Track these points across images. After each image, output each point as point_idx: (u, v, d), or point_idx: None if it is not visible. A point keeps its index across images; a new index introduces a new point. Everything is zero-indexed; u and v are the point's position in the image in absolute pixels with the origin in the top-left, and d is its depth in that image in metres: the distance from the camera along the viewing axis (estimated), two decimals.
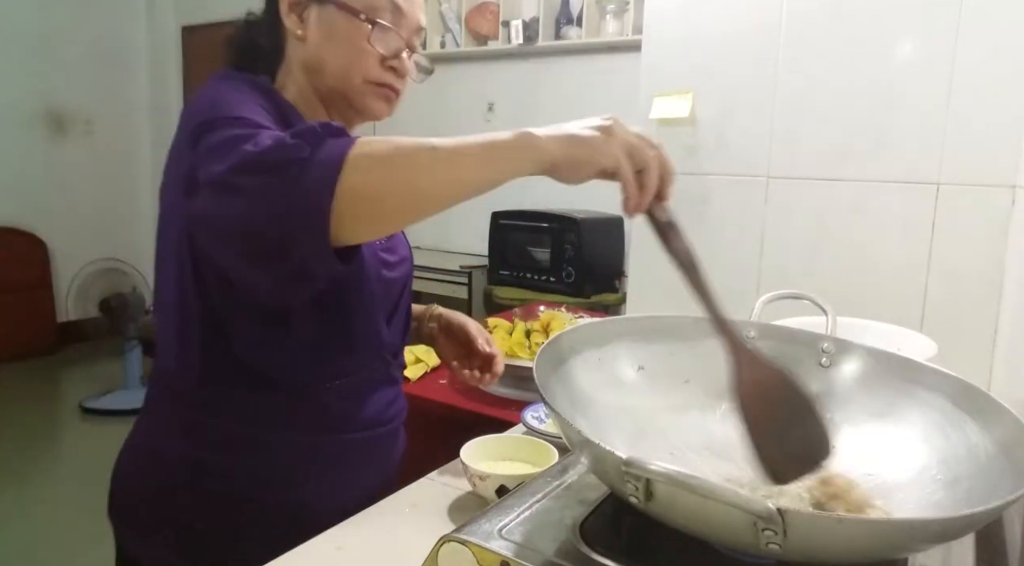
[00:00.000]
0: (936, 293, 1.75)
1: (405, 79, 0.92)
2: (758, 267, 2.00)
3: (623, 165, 0.67)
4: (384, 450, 0.98)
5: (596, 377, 0.75)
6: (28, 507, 2.75)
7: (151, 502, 0.89)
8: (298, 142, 0.65)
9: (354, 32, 0.86)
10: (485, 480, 0.87)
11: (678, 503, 0.51)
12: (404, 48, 0.89)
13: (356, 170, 0.64)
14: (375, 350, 0.94)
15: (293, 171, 0.63)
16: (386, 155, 0.65)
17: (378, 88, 0.90)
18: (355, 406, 0.92)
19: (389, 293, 0.96)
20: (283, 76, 0.92)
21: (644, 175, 0.67)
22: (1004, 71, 1.63)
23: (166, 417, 0.90)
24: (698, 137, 2.06)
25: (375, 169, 0.65)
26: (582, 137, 0.68)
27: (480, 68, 3.57)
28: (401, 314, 0.99)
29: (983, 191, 1.67)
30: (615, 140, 0.67)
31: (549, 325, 1.55)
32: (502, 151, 0.68)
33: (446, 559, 0.59)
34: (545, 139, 0.67)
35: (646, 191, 0.68)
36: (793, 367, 0.79)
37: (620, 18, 3.10)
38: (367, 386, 0.94)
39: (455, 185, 0.68)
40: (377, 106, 0.91)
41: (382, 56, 0.88)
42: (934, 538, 0.53)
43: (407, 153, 0.66)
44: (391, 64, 0.89)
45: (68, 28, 4.68)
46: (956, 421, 0.67)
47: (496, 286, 3.11)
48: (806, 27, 1.88)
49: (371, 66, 0.88)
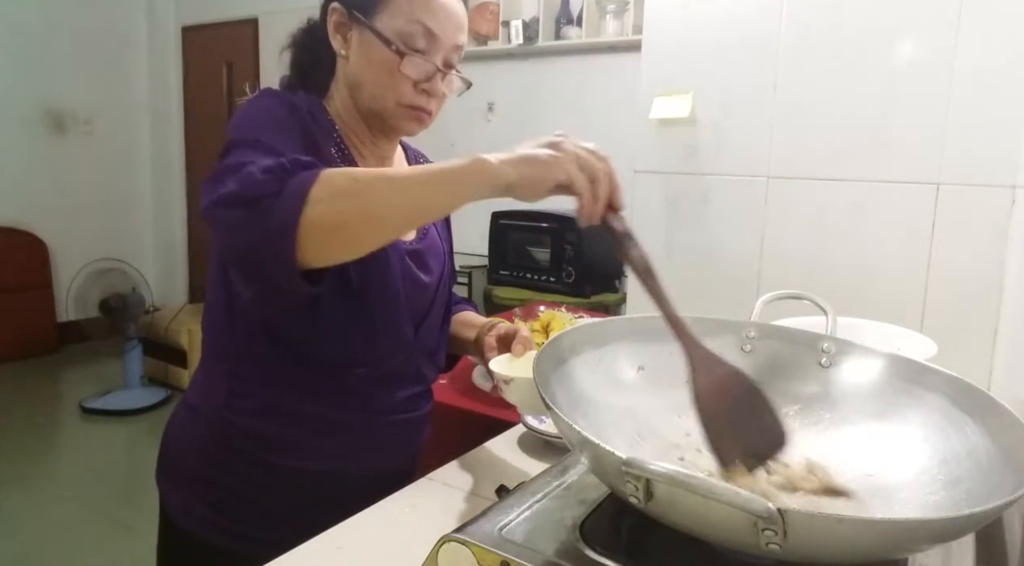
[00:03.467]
0: (936, 293, 1.75)
1: (439, 99, 0.95)
2: (758, 267, 2.00)
3: (576, 177, 0.71)
4: (408, 434, 1.03)
5: (596, 377, 0.75)
6: (28, 507, 2.75)
7: (192, 459, 0.96)
8: (269, 178, 0.72)
9: (388, 59, 0.89)
10: (509, 384, 0.90)
11: (678, 503, 0.51)
12: (436, 72, 0.92)
13: (318, 203, 0.70)
14: (399, 345, 0.97)
15: (264, 205, 0.71)
16: (345, 188, 0.72)
17: (410, 110, 0.93)
18: (379, 393, 0.97)
19: (420, 296, 1.00)
20: (333, 88, 0.97)
21: (595, 185, 0.71)
22: (1004, 71, 1.63)
23: (213, 380, 0.96)
24: (698, 137, 2.06)
25: (335, 201, 0.71)
26: (534, 156, 0.71)
27: (480, 68, 3.56)
28: (435, 319, 1.03)
29: (983, 191, 1.67)
30: (566, 155, 0.71)
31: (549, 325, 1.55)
32: (457, 177, 0.72)
33: (446, 559, 0.59)
34: (498, 163, 0.71)
35: (599, 201, 0.72)
36: (793, 367, 0.80)
37: (620, 18, 3.10)
38: (393, 378, 0.99)
39: (411, 212, 0.75)
40: (408, 126, 0.95)
41: (415, 81, 0.91)
42: (934, 538, 0.53)
43: (365, 185, 0.72)
44: (423, 87, 0.92)
45: (68, 28, 4.68)
46: (956, 421, 0.67)
47: (496, 286, 3.11)
48: (806, 27, 1.88)
49: (404, 91, 0.91)
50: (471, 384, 1.49)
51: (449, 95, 0.98)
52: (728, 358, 0.80)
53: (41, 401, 3.92)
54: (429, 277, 1.01)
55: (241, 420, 0.94)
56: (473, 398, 1.42)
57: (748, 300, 0.90)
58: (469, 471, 1.00)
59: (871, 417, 0.74)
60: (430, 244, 1.04)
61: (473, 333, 1.10)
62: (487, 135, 3.55)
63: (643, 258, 0.71)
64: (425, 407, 1.06)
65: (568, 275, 2.91)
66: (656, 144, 2.14)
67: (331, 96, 0.97)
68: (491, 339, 1.04)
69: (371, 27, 0.89)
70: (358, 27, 0.91)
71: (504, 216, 3.11)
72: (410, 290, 0.97)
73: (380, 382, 0.97)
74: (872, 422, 0.73)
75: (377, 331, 0.94)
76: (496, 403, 1.38)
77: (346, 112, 0.96)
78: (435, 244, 1.05)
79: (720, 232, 2.05)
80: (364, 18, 0.90)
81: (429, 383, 1.07)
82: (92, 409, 3.61)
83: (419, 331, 1.00)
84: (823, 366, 0.79)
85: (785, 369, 0.80)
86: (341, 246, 0.75)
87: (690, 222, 2.10)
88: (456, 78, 0.97)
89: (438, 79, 0.93)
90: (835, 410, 0.76)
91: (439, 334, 1.06)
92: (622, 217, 0.74)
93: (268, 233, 0.70)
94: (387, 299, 0.94)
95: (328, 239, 0.72)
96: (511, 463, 1.04)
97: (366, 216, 0.73)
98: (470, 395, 1.44)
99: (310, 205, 0.70)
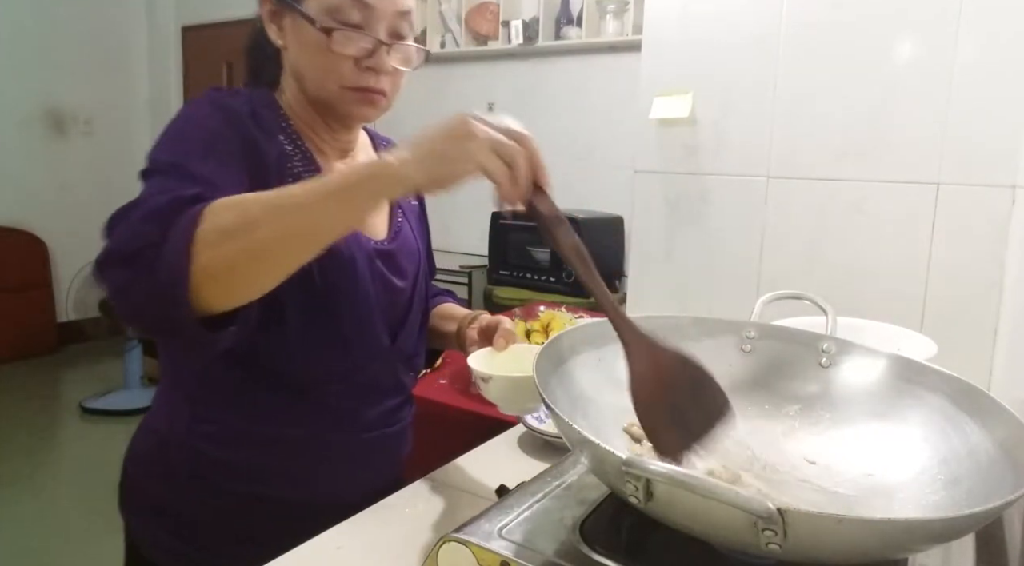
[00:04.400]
0: (936, 293, 1.75)
1: (392, 76, 0.87)
2: (758, 267, 2.00)
3: (488, 166, 0.64)
4: (388, 451, 0.98)
5: (596, 377, 0.75)
6: (28, 507, 2.75)
7: (155, 487, 0.91)
8: (149, 229, 0.65)
9: (318, 39, 0.82)
10: (488, 382, 0.86)
11: (678, 503, 0.51)
12: (378, 45, 0.83)
13: (206, 247, 0.64)
14: (375, 355, 0.92)
15: (147, 259, 0.64)
16: (233, 225, 0.65)
17: (357, 93, 0.85)
18: (357, 408, 0.92)
19: (395, 300, 0.94)
20: (283, 81, 0.91)
21: (514, 171, 0.65)
22: (1004, 71, 1.63)
23: (174, 403, 0.90)
24: (698, 137, 2.06)
25: (224, 243, 0.64)
26: (440, 153, 0.65)
27: (480, 68, 3.56)
28: (413, 323, 0.98)
29: (983, 191, 1.67)
30: (475, 143, 0.64)
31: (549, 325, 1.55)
32: (356, 189, 0.66)
33: (446, 559, 0.59)
34: (401, 165, 0.65)
35: (518, 185, 0.65)
36: (793, 367, 0.80)
37: (620, 18, 3.10)
38: (370, 391, 0.94)
39: (310, 236, 0.67)
40: (361, 111, 0.87)
41: (355, 59, 0.83)
42: (934, 538, 0.53)
43: (253, 218, 0.65)
44: (367, 65, 0.84)
45: (68, 28, 4.68)
46: (956, 421, 0.67)
47: (496, 286, 3.11)
48: (806, 27, 1.87)
49: (345, 72, 0.84)
50: (471, 384, 1.49)
51: (409, 70, 0.89)
52: (728, 358, 0.81)
53: (41, 401, 3.92)
54: (403, 280, 0.96)
55: (206, 447, 0.87)
56: (473, 398, 1.42)
57: (748, 300, 0.90)
58: (469, 471, 1.00)
59: (871, 417, 0.74)
60: (403, 244, 0.98)
61: (454, 326, 1.05)
62: None
63: (575, 244, 0.66)
64: (406, 418, 1.01)
65: (568, 275, 2.90)
66: (656, 144, 2.14)
67: (282, 90, 0.91)
68: (472, 332, 0.99)
69: (298, 9, 0.82)
70: (289, 13, 0.84)
71: (504, 216, 3.11)
72: (383, 295, 0.92)
73: (355, 397, 0.92)
74: (872, 422, 0.73)
75: (349, 343, 0.89)
76: None
77: (298, 105, 0.90)
78: (408, 243, 0.99)
79: (720, 232, 2.05)
80: (291, 1, 0.83)
81: (408, 391, 1.02)
82: (92, 409, 3.61)
83: (397, 339, 0.95)
84: (823, 366, 0.79)
85: (785, 369, 0.80)
86: (243, 287, 0.68)
87: (690, 222, 2.09)
88: (409, 49, 0.88)
89: (382, 53, 0.84)
90: (835, 410, 0.76)
91: (418, 338, 1.01)
92: (549, 198, 0.68)
93: (157, 290, 0.64)
94: (357, 308, 0.88)
95: (226, 283, 0.66)
96: (511, 463, 1.04)
97: (260, 252, 0.66)
98: (470, 395, 1.44)
99: (198, 250, 0.64)
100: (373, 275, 0.90)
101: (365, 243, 0.90)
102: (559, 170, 3.69)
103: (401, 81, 0.89)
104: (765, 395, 0.79)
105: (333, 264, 0.77)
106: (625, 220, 3.06)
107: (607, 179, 3.22)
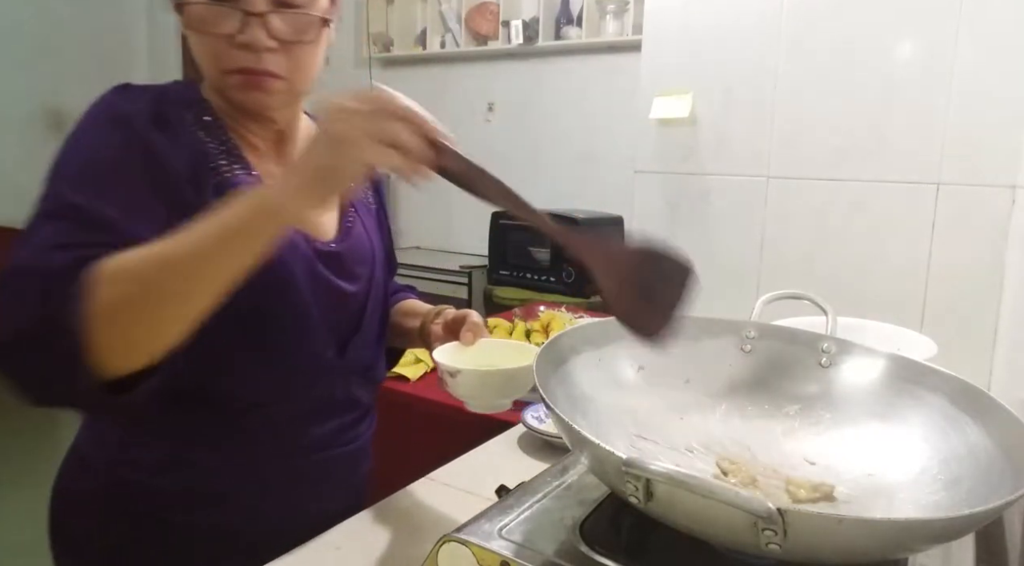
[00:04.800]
0: (936, 293, 1.75)
1: (284, 54, 0.75)
2: (758, 267, 2.00)
3: (377, 161, 0.60)
4: (341, 473, 0.90)
5: (596, 377, 0.75)
6: (27, 506, 2.75)
7: (82, 517, 0.83)
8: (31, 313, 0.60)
9: (183, 20, 0.74)
10: (455, 377, 0.80)
11: (678, 503, 0.51)
12: (247, 18, 0.72)
13: (105, 322, 0.60)
14: (320, 370, 0.84)
15: (43, 340, 0.60)
16: (128, 294, 0.61)
17: (237, 76, 0.75)
18: (301, 429, 0.84)
19: (344, 308, 0.86)
20: None
21: (403, 148, 0.60)
22: (1004, 71, 1.63)
23: (101, 427, 0.83)
24: (698, 137, 2.06)
25: (122, 313, 0.61)
26: (323, 170, 0.60)
27: (480, 68, 3.56)
28: (368, 332, 0.89)
29: (983, 191, 1.67)
30: (353, 145, 0.59)
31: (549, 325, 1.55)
32: (243, 234, 0.61)
33: (446, 559, 0.59)
34: (285, 196, 0.60)
35: (415, 161, 0.61)
36: (793, 367, 0.80)
37: (620, 18, 3.10)
38: (317, 410, 0.85)
39: (212, 283, 0.63)
40: (249, 98, 0.77)
41: (228, 36, 0.73)
42: (934, 538, 0.53)
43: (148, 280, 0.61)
44: (239, 41, 0.73)
45: (68, 28, 4.68)
46: (956, 421, 0.67)
47: (496, 286, 3.11)
48: (806, 27, 1.87)
49: (218, 52, 0.74)
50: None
51: (311, 43, 0.77)
52: (728, 358, 0.81)
53: None
54: (354, 285, 0.86)
55: (139, 476, 0.79)
56: None
57: (748, 300, 0.90)
58: (469, 471, 1.00)
59: (871, 417, 0.73)
60: (354, 245, 0.88)
61: (417, 322, 0.97)
62: (487, 135, 3.55)
63: (501, 188, 0.62)
64: (363, 436, 0.92)
65: (568, 275, 2.90)
66: (656, 144, 2.14)
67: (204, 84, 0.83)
68: (437, 327, 0.92)
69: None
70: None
71: (504, 216, 3.11)
72: (329, 303, 0.82)
73: (299, 416, 0.83)
74: (872, 422, 0.73)
75: (284, 360, 0.80)
76: None
77: (213, 95, 0.81)
78: (360, 243, 0.89)
79: (720, 232, 2.05)
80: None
81: (366, 405, 0.92)
82: None
83: (347, 351, 0.86)
84: (823, 366, 0.79)
85: (785, 369, 0.80)
86: (151, 348, 0.64)
87: (690, 222, 2.10)
88: (300, 18, 0.74)
89: (255, 27, 0.72)
90: (835, 410, 0.76)
91: (375, 347, 0.92)
92: (455, 152, 0.62)
93: (56, 370, 0.60)
94: (294, 320, 0.79)
95: (130, 351, 0.63)
96: (511, 463, 1.04)
97: (161, 313, 0.62)
98: None
99: (97, 326, 0.60)
100: (315, 282, 0.81)
101: (304, 248, 0.81)
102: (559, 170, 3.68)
103: (308, 58, 0.78)
104: (765, 395, 0.79)
105: (261, 274, 0.67)
106: (625, 220, 3.05)
107: (607, 179, 3.22)
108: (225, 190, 0.75)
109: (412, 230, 3.88)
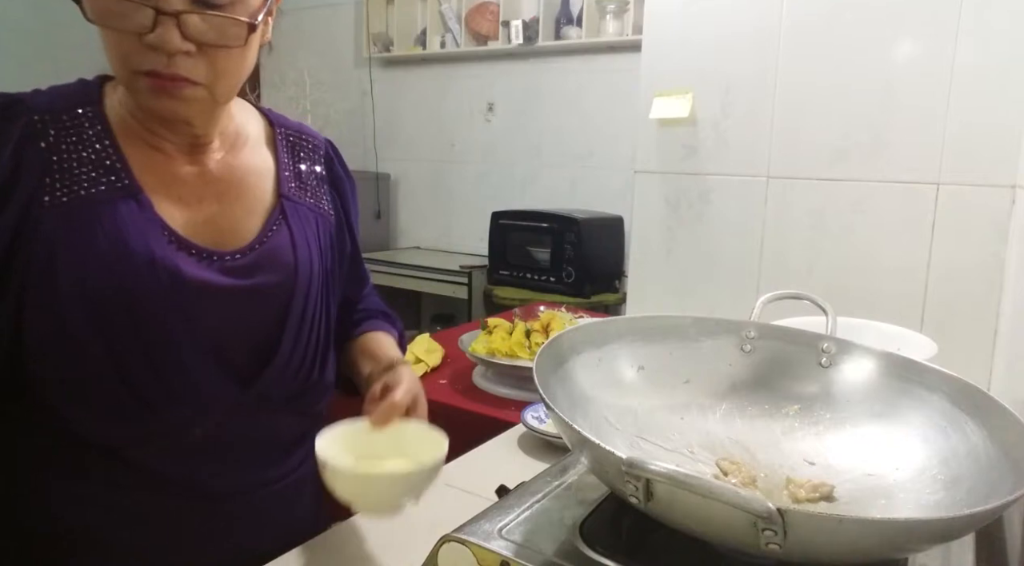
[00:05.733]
0: (936, 293, 1.75)
1: (202, 58, 0.67)
2: (758, 267, 2.00)
3: None
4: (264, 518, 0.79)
5: (596, 377, 0.75)
6: None
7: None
8: None
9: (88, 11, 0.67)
10: (325, 470, 0.65)
11: (678, 503, 0.51)
12: (156, 17, 0.64)
13: None
14: (216, 407, 0.72)
15: None
16: None
17: (146, 79, 0.67)
18: (199, 473, 0.73)
19: (254, 328, 0.75)
20: None
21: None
22: (1004, 71, 1.63)
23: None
24: (698, 137, 2.06)
25: None
26: None
27: (480, 68, 3.56)
28: (290, 355, 0.77)
29: (983, 191, 1.67)
30: None
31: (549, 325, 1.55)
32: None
33: (446, 559, 0.59)
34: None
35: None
36: (793, 367, 0.80)
37: (620, 18, 3.10)
38: (223, 449, 0.74)
39: None
40: (159, 104, 0.68)
41: (139, 35, 0.65)
42: (934, 538, 0.53)
43: None
44: (147, 42, 0.65)
45: (68, 28, 4.68)
46: (956, 421, 0.67)
47: (496, 286, 3.11)
48: (806, 27, 1.87)
49: (130, 51, 0.66)
50: (471, 384, 1.49)
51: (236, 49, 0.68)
52: (728, 358, 0.81)
53: None
54: (265, 303, 0.75)
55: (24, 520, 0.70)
56: (473, 398, 1.42)
57: (748, 300, 0.90)
58: (469, 471, 1.00)
59: (871, 417, 0.73)
60: (271, 251, 0.76)
61: (369, 369, 0.84)
62: (487, 135, 3.55)
63: None
64: (292, 474, 0.81)
65: (568, 275, 2.91)
66: (656, 144, 2.14)
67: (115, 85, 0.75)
68: (377, 387, 0.77)
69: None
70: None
71: (504, 216, 3.11)
72: (227, 327, 0.72)
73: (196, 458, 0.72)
74: (872, 422, 0.73)
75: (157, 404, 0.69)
76: (496, 403, 1.38)
77: (125, 96, 0.73)
78: (278, 255, 0.77)
79: (720, 232, 2.05)
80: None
81: (297, 438, 0.81)
82: None
83: (259, 380, 0.74)
84: (823, 366, 0.79)
85: (785, 369, 0.80)
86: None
87: (690, 222, 2.09)
88: (223, 19, 0.66)
89: (168, 27, 0.64)
90: (835, 410, 0.76)
91: (306, 374, 0.79)
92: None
93: None
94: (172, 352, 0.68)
95: None
96: (511, 463, 1.04)
97: None
98: (470, 395, 1.44)
99: None
100: (204, 303, 0.71)
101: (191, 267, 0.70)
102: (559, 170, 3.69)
103: (233, 65, 0.69)
104: (765, 395, 0.79)
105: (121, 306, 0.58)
106: (625, 220, 3.06)
107: (607, 179, 3.22)
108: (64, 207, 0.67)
109: (412, 230, 3.88)
